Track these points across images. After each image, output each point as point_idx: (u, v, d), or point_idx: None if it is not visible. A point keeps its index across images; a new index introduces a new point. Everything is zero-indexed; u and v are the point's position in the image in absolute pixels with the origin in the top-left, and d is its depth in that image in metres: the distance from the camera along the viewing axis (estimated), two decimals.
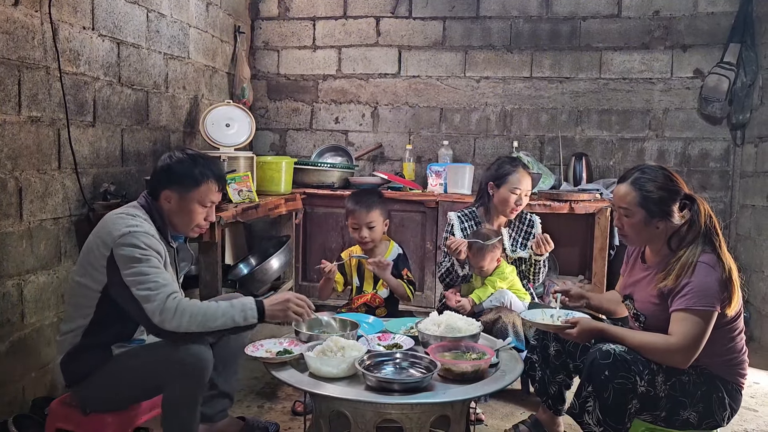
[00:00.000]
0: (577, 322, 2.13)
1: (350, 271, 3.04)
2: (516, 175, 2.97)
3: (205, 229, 2.24)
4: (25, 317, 2.60)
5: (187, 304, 1.94)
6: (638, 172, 2.17)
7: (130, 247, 1.96)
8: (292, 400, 2.91)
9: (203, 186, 2.15)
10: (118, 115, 3.18)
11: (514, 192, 2.95)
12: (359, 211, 2.88)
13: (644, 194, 2.11)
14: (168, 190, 2.14)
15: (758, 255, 3.90)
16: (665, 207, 2.10)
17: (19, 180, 2.54)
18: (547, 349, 2.40)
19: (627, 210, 2.14)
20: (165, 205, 2.15)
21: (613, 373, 1.97)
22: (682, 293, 2.02)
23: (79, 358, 2.03)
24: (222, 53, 4.38)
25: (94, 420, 2.05)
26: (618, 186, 2.20)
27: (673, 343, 2.00)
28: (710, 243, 2.08)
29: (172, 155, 2.19)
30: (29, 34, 2.56)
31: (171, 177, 2.14)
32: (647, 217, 2.12)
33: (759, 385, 3.28)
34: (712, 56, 4.25)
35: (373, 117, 4.76)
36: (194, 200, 2.14)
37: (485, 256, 2.84)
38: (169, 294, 1.93)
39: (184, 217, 2.16)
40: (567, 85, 4.49)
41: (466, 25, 4.58)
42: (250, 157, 3.67)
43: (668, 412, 2.06)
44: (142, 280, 1.93)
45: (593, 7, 4.42)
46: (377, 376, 1.90)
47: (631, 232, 2.17)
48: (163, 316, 1.90)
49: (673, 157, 4.40)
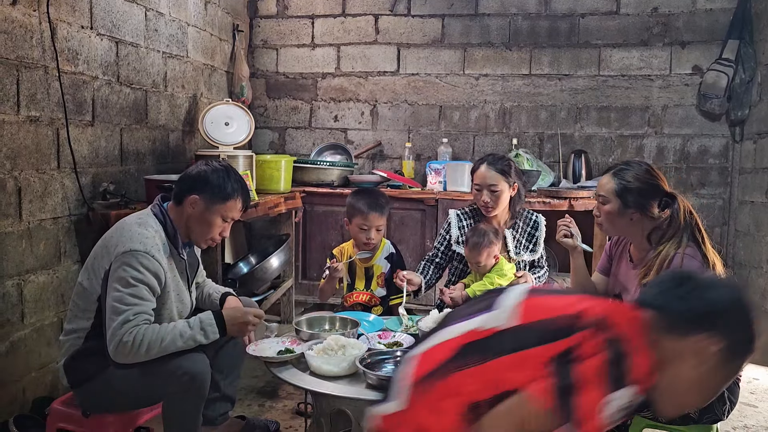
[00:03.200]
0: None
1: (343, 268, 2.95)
2: (477, 171, 2.91)
3: (217, 243, 2.24)
4: (25, 317, 2.60)
5: (144, 335, 1.92)
6: (622, 165, 2.26)
7: (127, 267, 1.96)
8: (293, 398, 2.91)
9: (230, 202, 2.15)
10: (117, 114, 3.18)
11: (475, 188, 2.90)
12: (373, 214, 2.82)
13: (622, 184, 2.18)
14: (196, 196, 2.12)
15: (757, 251, 3.91)
16: (641, 200, 2.15)
17: (18, 180, 2.54)
18: None
19: (604, 198, 2.22)
20: (188, 209, 2.13)
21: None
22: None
23: (81, 362, 2.03)
24: (221, 52, 4.38)
25: (94, 420, 2.05)
26: (601, 177, 2.29)
27: None
28: (693, 239, 2.10)
29: (209, 164, 2.20)
30: (27, 33, 2.55)
31: (203, 185, 2.14)
32: (621, 207, 2.17)
33: (759, 381, 3.29)
34: (711, 53, 4.25)
35: (372, 115, 4.76)
36: (218, 213, 2.14)
37: (481, 251, 2.82)
38: (131, 329, 1.92)
39: (203, 226, 2.15)
40: (566, 83, 4.49)
41: (465, 23, 4.58)
42: (250, 155, 3.66)
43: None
44: (117, 309, 1.93)
45: (592, 3, 4.42)
46: (378, 375, 1.90)
47: (605, 220, 2.24)
48: (118, 350, 1.92)
49: (672, 154, 4.40)
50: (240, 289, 3.42)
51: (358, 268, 2.94)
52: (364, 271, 2.93)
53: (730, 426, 2.73)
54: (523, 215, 3.02)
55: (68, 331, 2.09)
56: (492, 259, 2.86)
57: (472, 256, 2.85)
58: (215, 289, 2.45)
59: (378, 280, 2.93)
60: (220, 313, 2.09)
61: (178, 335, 1.97)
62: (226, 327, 2.06)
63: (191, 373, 1.95)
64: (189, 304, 2.27)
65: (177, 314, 2.17)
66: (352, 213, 2.88)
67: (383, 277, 2.94)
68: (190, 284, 2.28)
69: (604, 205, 2.22)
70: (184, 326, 2.01)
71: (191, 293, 2.29)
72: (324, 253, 4.25)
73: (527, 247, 2.99)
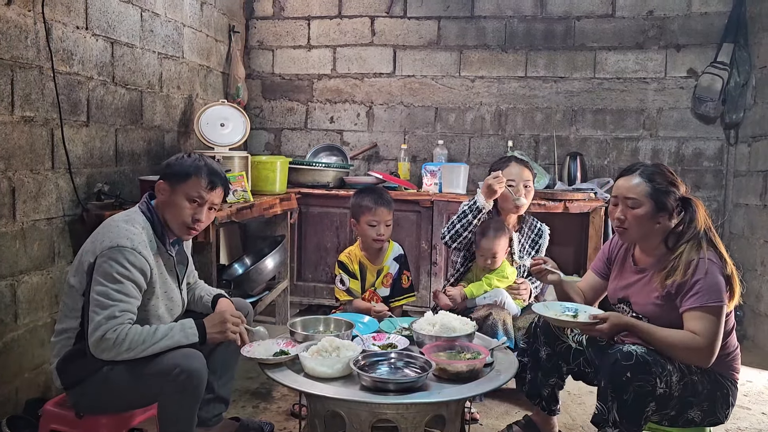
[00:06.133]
0: (606, 318, 2.07)
1: (353, 268, 2.93)
2: (507, 168, 2.94)
3: (198, 231, 2.23)
4: (19, 318, 2.59)
5: (127, 334, 1.93)
6: (644, 166, 2.16)
7: (113, 263, 1.96)
8: (288, 400, 2.91)
9: (191, 179, 2.14)
10: (112, 114, 3.17)
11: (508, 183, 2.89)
12: (381, 208, 2.83)
13: (655, 186, 2.10)
14: (162, 181, 2.17)
15: (751, 254, 3.92)
16: (670, 202, 2.11)
17: (12, 180, 2.53)
18: (538, 352, 2.37)
19: (635, 201, 2.11)
20: (159, 198, 2.17)
21: (634, 375, 1.94)
22: (692, 292, 2.02)
23: (74, 363, 2.02)
24: (216, 53, 4.37)
25: (88, 421, 2.04)
26: (624, 178, 2.18)
27: (699, 341, 1.98)
28: (709, 241, 2.10)
29: (179, 155, 2.23)
30: (22, 33, 2.54)
31: (165, 168, 2.19)
32: (654, 210, 2.10)
33: (752, 383, 3.30)
34: (706, 56, 4.26)
35: (368, 116, 4.76)
36: (182, 192, 2.14)
37: (499, 240, 2.83)
38: (116, 326, 1.92)
39: (173, 209, 2.15)
40: (561, 85, 4.50)
41: (461, 25, 4.58)
42: (245, 156, 3.66)
43: (677, 411, 2.05)
44: (102, 303, 1.93)
45: (587, 6, 4.43)
46: (372, 376, 1.90)
47: (634, 225, 2.13)
48: (99, 344, 1.92)
49: (667, 157, 4.41)
50: (235, 291, 3.42)
51: (369, 271, 2.93)
52: (375, 273, 2.94)
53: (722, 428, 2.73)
54: (529, 222, 3.06)
55: (59, 332, 2.09)
56: (503, 254, 2.86)
57: (487, 244, 2.83)
58: (207, 290, 2.44)
59: (384, 280, 2.93)
60: (201, 321, 2.08)
61: (159, 339, 1.97)
62: (207, 333, 2.06)
63: (188, 371, 1.94)
64: (180, 302, 2.26)
65: (166, 311, 2.17)
66: (359, 211, 2.87)
67: (390, 277, 2.95)
68: (180, 282, 2.28)
69: (635, 209, 2.12)
70: (165, 330, 2.00)
71: (182, 291, 2.28)
72: (319, 255, 4.27)
73: (529, 252, 3.03)
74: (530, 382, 2.43)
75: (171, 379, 1.94)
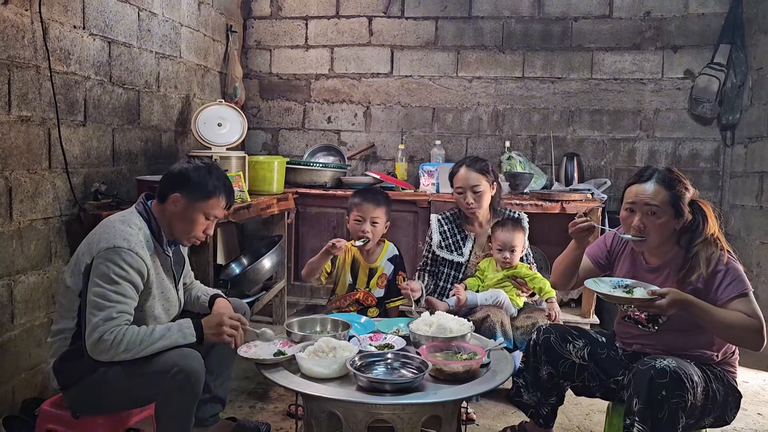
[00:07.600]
0: (665, 294, 1.97)
1: (342, 266, 2.95)
2: (457, 174, 2.97)
3: (201, 241, 2.23)
4: (15, 318, 2.59)
5: (125, 335, 1.92)
6: (658, 171, 2.12)
7: (110, 264, 1.95)
8: (284, 400, 2.91)
9: (213, 199, 2.15)
10: (109, 114, 3.17)
11: (457, 191, 2.97)
12: (366, 205, 2.87)
13: (675, 194, 2.07)
14: (178, 194, 2.13)
15: (747, 255, 3.93)
16: (686, 207, 2.10)
17: (9, 180, 2.53)
18: (539, 371, 2.33)
19: (657, 209, 2.07)
20: (170, 207, 2.14)
21: (670, 393, 1.89)
22: (726, 282, 2.02)
23: (70, 363, 2.02)
24: (214, 52, 4.37)
25: (84, 422, 2.04)
26: (639, 185, 2.12)
27: (756, 323, 1.97)
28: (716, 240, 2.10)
29: (191, 162, 2.21)
30: (19, 33, 2.54)
31: (185, 182, 2.14)
32: (674, 217, 2.08)
33: (748, 384, 3.31)
34: (703, 57, 4.28)
35: (365, 117, 4.76)
36: (200, 210, 2.14)
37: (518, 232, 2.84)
38: (113, 327, 1.92)
39: (185, 223, 2.15)
40: (559, 86, 4.51)
41: (459, 25, 4.59)
42: (242, 156, 3.66)
43: (696, 419, 2.03)
44: (99, 305, 1.93)
45: (585, 7, 4.44)
46: (369, 377, 1.90)
47: (656, 233, 2.09)
48: (96, 346, 1.92)
49: (664, 158, 4.42)
50: (232, 291, 3.42)
51: (362, 269, 2.94)
52: (367, 272, 2.94)
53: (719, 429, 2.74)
54: (504, 214, 3.07)
55: (55, 332, 2.08)
56: (522, 250, 2.87)
57: (507, 237, 2.84)
58: (204, 291, 2.44)
59: (378, 281, 2.94)
60: (199, 321, 2.08)
61: (157, 340, 1.97)
62: (204, 333, 2.06)
63: (186, 371, 1.94)
64: (176, 302, 2.26)
65: (163, 312, 2.17)
66: (350, 208, 2.95)
67: (385, 278, 2.95)
68: (177, 282, 2.27)
69: (656, 216, 2.07)
70: (163, 331, 2.00)
71: (178, 291, 2.28)
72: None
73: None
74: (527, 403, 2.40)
75: (169, 378, 1.93)
